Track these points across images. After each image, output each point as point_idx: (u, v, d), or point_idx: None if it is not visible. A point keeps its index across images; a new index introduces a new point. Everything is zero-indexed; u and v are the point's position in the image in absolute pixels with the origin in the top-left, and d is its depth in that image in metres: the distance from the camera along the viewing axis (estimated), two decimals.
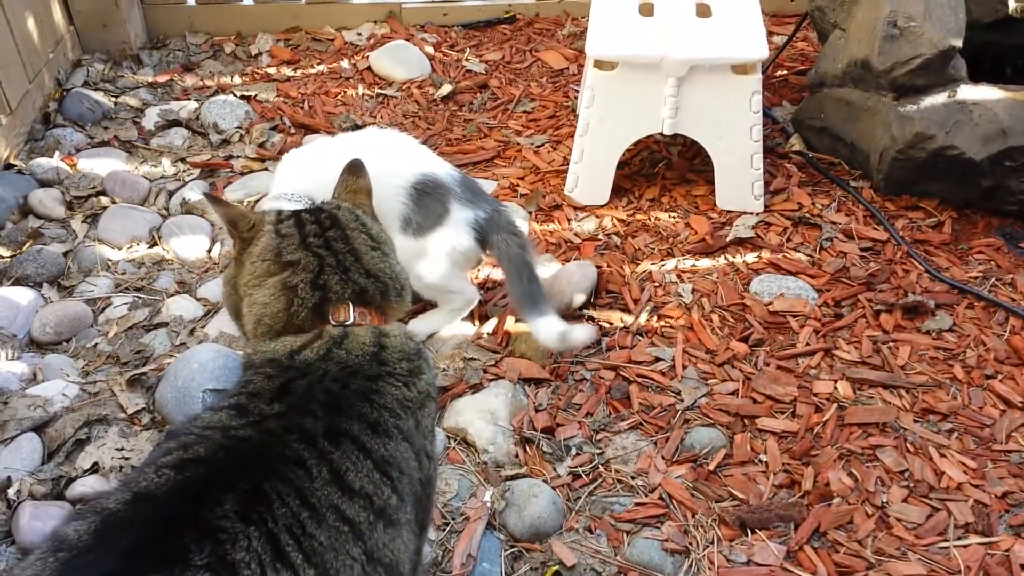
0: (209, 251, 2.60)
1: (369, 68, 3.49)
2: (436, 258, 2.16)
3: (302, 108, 3.26)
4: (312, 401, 1.18)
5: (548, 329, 2.07)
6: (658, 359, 2.22)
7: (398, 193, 2.14)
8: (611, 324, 2.32)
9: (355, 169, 1.46)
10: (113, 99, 3.27)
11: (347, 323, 1.29)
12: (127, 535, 0.98)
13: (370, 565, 1.10)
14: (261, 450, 1.11)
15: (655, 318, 2.35)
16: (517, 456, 1.99)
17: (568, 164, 2.78)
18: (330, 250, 1.33)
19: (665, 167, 2.93)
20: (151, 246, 2.61)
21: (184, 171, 2.93)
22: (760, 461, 1.98)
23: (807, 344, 2.26)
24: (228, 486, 1.04)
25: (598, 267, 2.44)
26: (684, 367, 2.20)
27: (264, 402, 1.19)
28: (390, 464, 1.18)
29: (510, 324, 2.30)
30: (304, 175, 2.20)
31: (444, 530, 1.83)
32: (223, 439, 1.13)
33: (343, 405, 1.19)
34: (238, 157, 2.99)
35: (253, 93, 3.31)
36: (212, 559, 0.96)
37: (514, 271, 2.14)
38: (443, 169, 2.20)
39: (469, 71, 3.48)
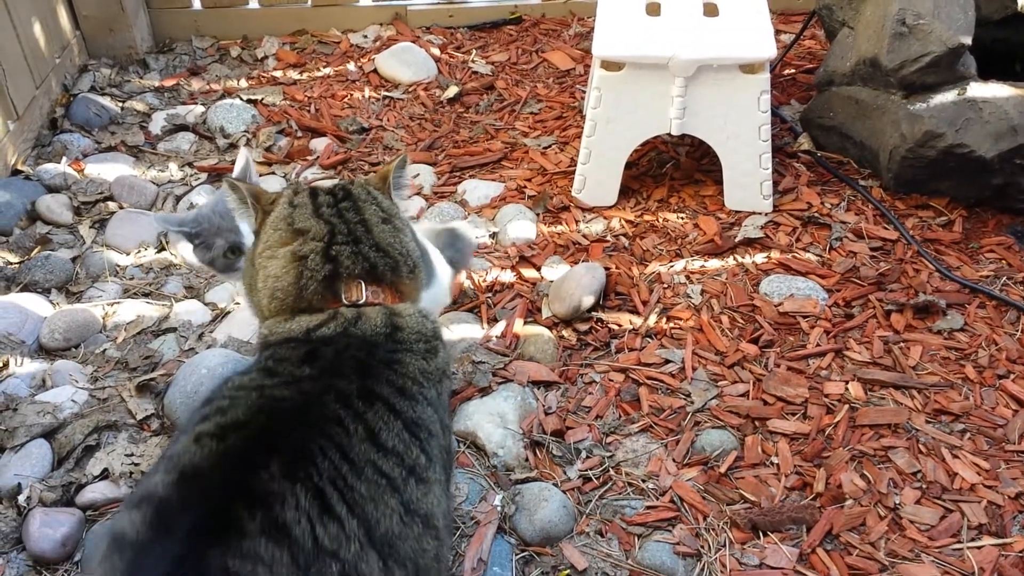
0: None
1: (375, 70, 3.49)
2: None
3: (308, 111, 3.26)
4: (343, 365, 1.24)
5: None
6: (668, 361, 2.21)
7: None
8: (620, 326, 2.31)
9: (398, 161, 1.52)
10: (120, 104, 3.27)
11: (360, 302, 1.34)
12: (181, 520, 1.00)
13: (408, 516, 1.15)
14: (302, 410, 1.16)
15: (664, 320, 2.34)
16: (527, 459, 1.98)
17: (575, 165, 2.77)
18: (342, 219, 1.40)
19: (673, 168, 2.91)
20: (159, 251, 2.61)
21: (191, 175, 2.93)
22: (771, 463, 1.97)
23: (817, 345, 2.24)
24: (272, 449, 1.08)
25: (606, 269, 2.43)
26: (694, 369, 2.19)
27: (293, 365, 1.25)
28: (418, 426, 1.24)
29: (519, 327, 2.30)
30: None
31: (455, 534, 1.82)
32: (259, 399, 1.18)
33: (372, 370, 1.25)
34: None
35: (259, 97, 3.31)
36: (265, 523, 0.99)
37: None
38: None
39: (475, 72, 3.47)
